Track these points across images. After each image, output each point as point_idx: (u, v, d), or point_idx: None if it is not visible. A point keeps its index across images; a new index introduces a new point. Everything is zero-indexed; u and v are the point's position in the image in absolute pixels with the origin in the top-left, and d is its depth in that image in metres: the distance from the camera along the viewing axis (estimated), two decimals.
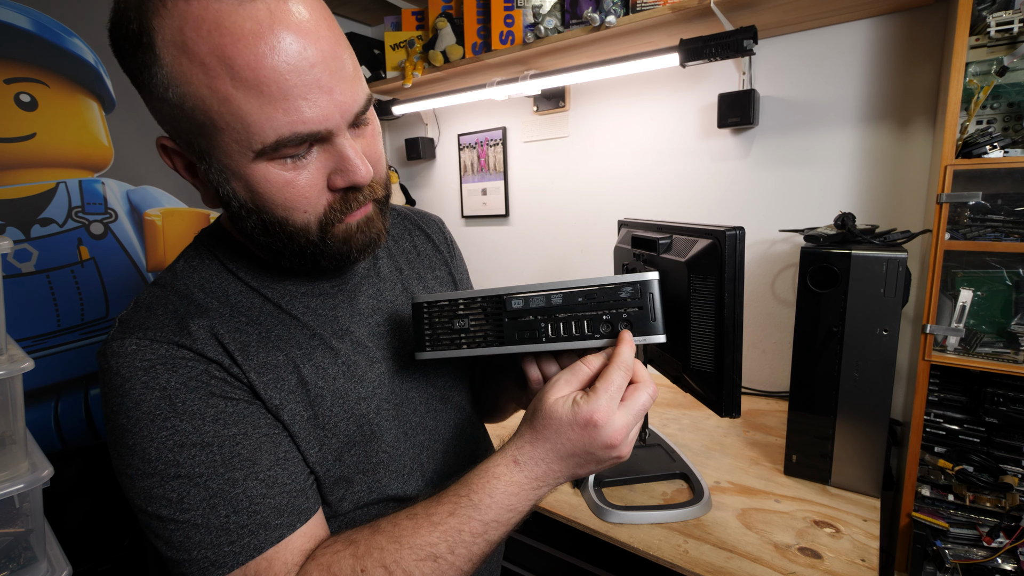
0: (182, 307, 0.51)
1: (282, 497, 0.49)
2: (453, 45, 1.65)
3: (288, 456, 0.51)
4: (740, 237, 0.71)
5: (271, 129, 0.42)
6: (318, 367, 0.55)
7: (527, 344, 0.51)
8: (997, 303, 0.98)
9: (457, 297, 0.51)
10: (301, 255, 0.52)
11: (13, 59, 1.21)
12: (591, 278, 0.50)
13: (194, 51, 0.40)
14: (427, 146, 2.12)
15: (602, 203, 1.76)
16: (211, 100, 0.42)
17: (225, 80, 0.41)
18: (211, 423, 0.47)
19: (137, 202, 1.43)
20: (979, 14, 0.94)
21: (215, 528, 0.46)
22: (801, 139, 1.37)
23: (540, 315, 0.50)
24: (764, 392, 1.48)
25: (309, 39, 0.42)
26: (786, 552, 0.84)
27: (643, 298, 0.49)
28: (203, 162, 0.46)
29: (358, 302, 0.62)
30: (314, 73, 0.43)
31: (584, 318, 0.50)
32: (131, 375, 0.46)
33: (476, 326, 0.51)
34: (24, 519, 0.83)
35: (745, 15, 1.22)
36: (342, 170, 0.47)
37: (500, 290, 0.51)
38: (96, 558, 1.31)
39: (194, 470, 0.46)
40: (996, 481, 0.98)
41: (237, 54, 0.40)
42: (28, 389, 1.18)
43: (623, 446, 0.49)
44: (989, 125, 0.98)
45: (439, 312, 0.51)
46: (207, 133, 0.44)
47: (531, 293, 0.50)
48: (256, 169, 0.45)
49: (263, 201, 0.47)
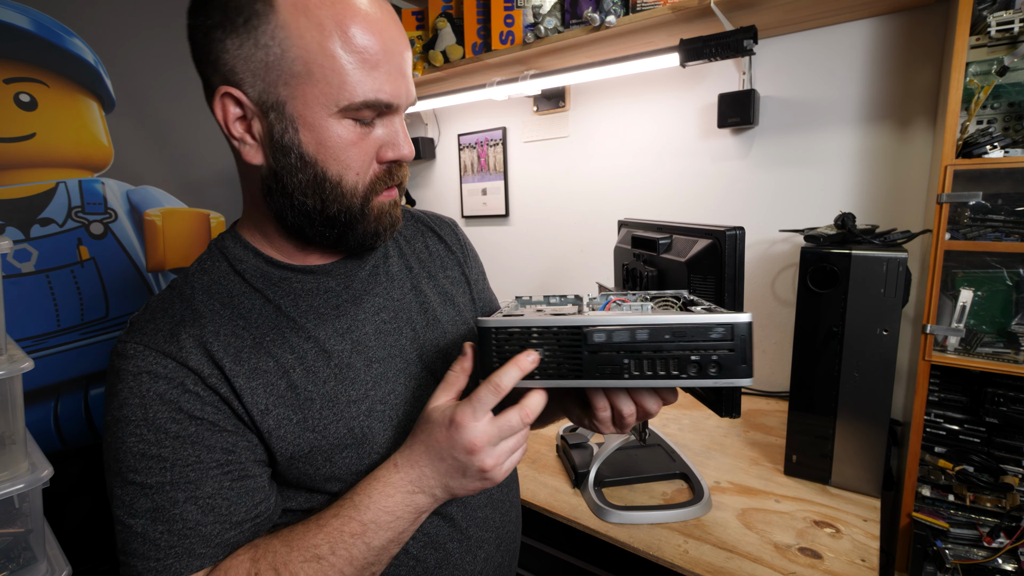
0: (181, 313, 0.54)
1: (215, 527, 0.50)
2: (453, 45, 1.65)
3: (235, 486, 0.52)
4: (740, 237, 0.71)
5: (361, 92, 0.50)
6: (309, 371, 0.56)
7: (608, 380, 0.48)
8: (997, 303, 0.98)
9: (530, 325, 0.47)
10: (334, 223, 0.56)
11: (13, 59, 1.21)
12: (678, 316, 0.47)
13: (315, 13, 0.48)
14: (427, 146, 2.13)
15: (602, 203, 1.76)
16: (317, 54, 0.48)
17: (336, 42, 0.48)
18: (171, 439, 0.50)
19: (137, 202, 1.43)
20: (979, 14, 0.93)
21: (150, 541, 0.49)
22: (801, 139, 1.37)
23: (623, 351, 0.47)
24: (764, 392, 1.48)
25: (398, 32, 0.53)
26: (786, 552, 0.84)
27: (735, 340, 0.46)
28: (272, 111, 0.51)
29: (363, 300, 0.63)
30: (399, 59, 0.53)
31: (671, 357, 0.46)
32: (124, 377, 0.51)
33: (551, 358, 0.48)
34: (24, 519, 0.83)
35: (745, 15, 1.22)
36: (394, 144, 0.55)
37: (578, 320, 0.47)
38: (96, 558, 1.31)
39: (148, 479, 0.49)
40: (996, 481, 0.98)
41: (352, 25, 0.49)
42: (28, 389, 1.17)
43: (486, 456, 0.50)
44: (989, 125, 0.98)
45: (508, 339, 0.47)
46: (296, 83, 0.49)
47: (614, 327, 0.46)
48: (332, 123, 0.51)
49: (326, 154, 0.52)
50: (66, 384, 1.31)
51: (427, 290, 0.70)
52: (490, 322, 0.48)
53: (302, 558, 0.49)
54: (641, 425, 0.98)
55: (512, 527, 0.73)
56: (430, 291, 0.70)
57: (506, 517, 0.71)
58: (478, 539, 0.65)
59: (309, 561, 0.49)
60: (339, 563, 0.50)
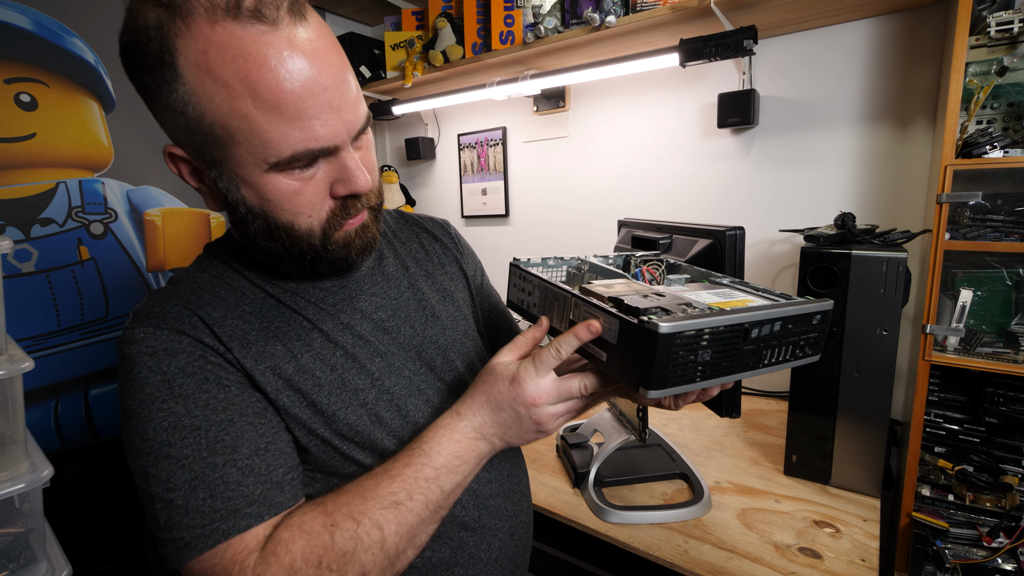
0: (189, 298, 0.55)
1: (256, 487, 0.50)
2: (453, 45, 1.65)
3: (270, 447, 0.53)
4: (740, 237, 0.71)
5: (287, 145, 0.47)
6: (317, 356, 0.57)
7: (748, 371, 0.50)
8: (997, 303, 0.98)
9: (704, 327, 0.45)
10: (301, 259, 0.55)
11: (13, 59, 1.21)
12: (789, 304, 0.50)
13: (218, 73, 0.44)
14: (427, 146, 2.12)
15: (602, 203, 1.76)
16: (231, 117, 0.46)
17: (247, 101, 0.45)
18: (202, 408, 0.50)
19: (137, 202, 1.43)
20: (979, 14, 0.94)
21: (193, 510, 0.48)
22: (801, 139, 1.37)
23: (764, 342, 0.50)
24: (764, 392, 1.48)
25: (322, 65, 0.47)
26: (786, 552, 0.84)
27: (823, 323, 0.52)
28: (213, 170, 0.50)
29: (359, 300, 0.63)
30: (326, 96, 0.47)
31: (789, 343, 0.51)
32: (139, 360, 0.50)
33: (716, 357, 0.48)
34: (24, 519, 0.83)
35: (745, 15, 1.22)
36: (344, 180, 0.52)
37: (740, 318, 0.47)
38: (96, 558, 1.31)
39: (183, 452, 0.49)
40: (996, 481, 0.98)
41: (260, 79, 0.44)
42: (28, 389, 1.18)
43: (543, 411, 0.54)
44: (989, 125, 0.98)
45: (684, 344, 0.45)
46: (222, 145, 0.48)
47: (764, 320, 0.48)
48: (268, 179, 0.49)
49: (271, 207, 0.51)
50: (66, 384, 1.31)
51: (424, 288, 0.70)
52: (667, 328, 0.44)
53: (380, 505, 0.51)
54: (641, 425, 0.98)
55: (524, 517, 0.74)
56: (428, 289, 0.71)
57: (518, 507, 0.72)
58: (492, 528, 0.66)
59: (388, 508, 0.51)
60: (416, 507, 0.52)
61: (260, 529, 0.50)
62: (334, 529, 0.49)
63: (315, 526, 0.50)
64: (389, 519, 0.51)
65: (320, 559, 0.48)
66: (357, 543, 0.49)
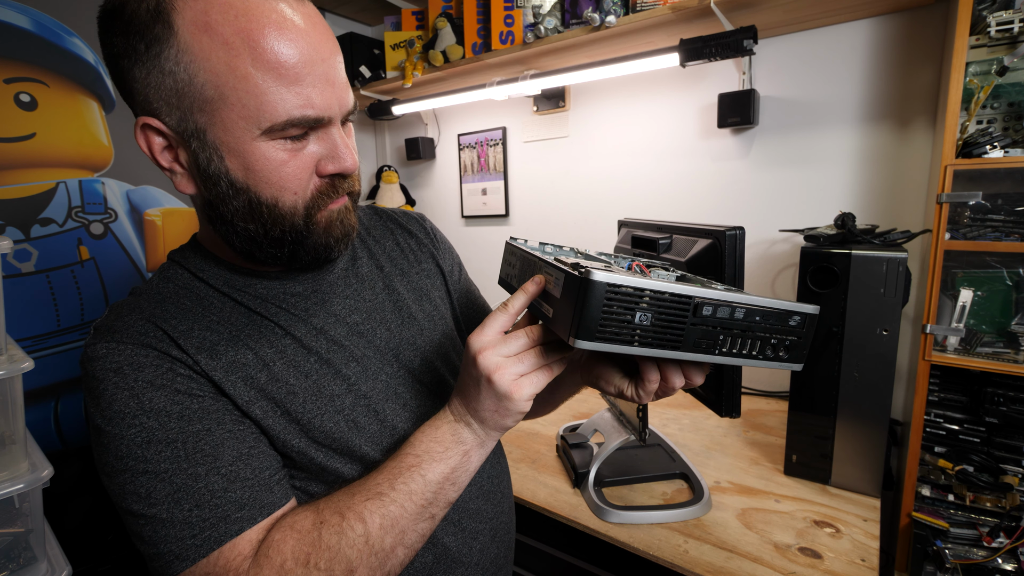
0: (152, 311, 0.53)
1: (244, 491, 0.50)
2: (453, 45, 1.65)
3: (252, 451, 0.52)
4: (740, 237, 0.71)
5: (283, 110, 0.46)
6: (290, 363, 0.56)
7: (702, 353, 0.48)
8: (997, 303, 0.98)
9: (645, 287, 0.45)
10: (281, 243, 0.53)
11: (13, 59, 1.21)
12: (764, 298, 0.48)
13: (218, 30, 0.44)
14: (427, 146, 2.12)
15: (602, 203, 1.76)
16: (227, 76, 0.44)
17: (246, 59, 0.44)
18: (176, 420, 0.49)
19: (137, 202, 1.43)
20: (979, 14, 0.94)
21: (179, 522, 0.47)
22: (801, 139, 1.37)
23: (721, 326, 0.47)
24: (764, 392, 1.48)
25: (320, 39, 0.48)
26: (786, 552, 0.84)
27: (805, 329, 0.49)
28: (193, 140, 0.48)
29: (332, 303, 0.62)
30: (323, 68, 0.48)
31: (756, 338, 0.49)
32: (104, 377, 0.49)
33: (657, 324, 0.46)
34: (24, 519, 0.83)
35: (745, 15, 1.22)
36: (333, 157, 0.51)
37: (689, 290, 0.47)
38: (96, 558, 1.31)
39: (160, 466, 0.48)
40: (996, 481, 0.98)
41: (262, 38, 0.44)
42: (28, 389, 1.17)
43: (487, 361, 0.49)
44: (989, 125, 0.98)
45: (619, 299, 0.44)
46: (211, 108, 0.46)
47: (720, 301, 0.47)
48: (257, 146, 0.47)
49: (257, 179, 0.49)
50: (66, 384, 1.31)
51: (400, 288, 0.69)
52: (601, 276, 0.44)
53: (364, 497, 0.51)
54: (641, 425, 0.98)
55: (506, 518, 0.73)
56: (403, 289, 0.69)
57: (499, 508, 0.71)
58: (472, 530, 0.65)
59: (371, 499, 0.50)
60: (399, 497, 0.51)
61: (253, 533, 0.49)
62: (322, 526, 0.49)
63: (306, 524, 0.49)
64: (372, 510, 0.50)
65: (308, 557, 0.48)
66: (341, 537, 0.49)
